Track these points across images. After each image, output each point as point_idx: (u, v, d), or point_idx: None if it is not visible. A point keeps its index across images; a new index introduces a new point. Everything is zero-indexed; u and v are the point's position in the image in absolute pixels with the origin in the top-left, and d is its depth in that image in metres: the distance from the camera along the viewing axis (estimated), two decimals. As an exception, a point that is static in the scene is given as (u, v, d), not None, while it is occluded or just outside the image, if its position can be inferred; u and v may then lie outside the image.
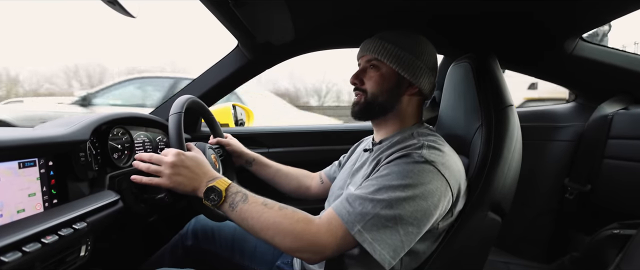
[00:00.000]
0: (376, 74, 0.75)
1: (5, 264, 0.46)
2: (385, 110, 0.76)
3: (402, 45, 0.73)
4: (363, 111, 0.77)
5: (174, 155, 0.69)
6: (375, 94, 0.75)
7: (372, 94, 0.75)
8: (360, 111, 0.78)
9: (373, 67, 0.76)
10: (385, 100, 0.75)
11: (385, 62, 0.74)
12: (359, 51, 0.80)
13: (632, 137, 1.04)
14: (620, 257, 0.73)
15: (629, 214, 1.00)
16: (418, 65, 0.74)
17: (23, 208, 0.57)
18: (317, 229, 0.61)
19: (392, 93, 0.75)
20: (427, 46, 0.76)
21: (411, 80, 0.74)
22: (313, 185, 1.07)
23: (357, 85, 0.78)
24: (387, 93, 0.75)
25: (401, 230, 0.59)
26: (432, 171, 0.61)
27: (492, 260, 1.23)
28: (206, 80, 1.24)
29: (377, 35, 0.77)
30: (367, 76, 0.77)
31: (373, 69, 0.76)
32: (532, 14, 0.87)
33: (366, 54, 0.76)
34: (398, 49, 0.73)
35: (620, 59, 1.08)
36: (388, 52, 0.73)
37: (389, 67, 0.74)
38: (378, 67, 0.75)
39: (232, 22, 0.92)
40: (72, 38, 13.34)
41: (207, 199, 0.66)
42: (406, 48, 0.73)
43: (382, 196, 0.60)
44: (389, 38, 0.75)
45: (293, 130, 1.50)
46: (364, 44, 0.78)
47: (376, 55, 0.74)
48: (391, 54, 0.73)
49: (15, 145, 0.56)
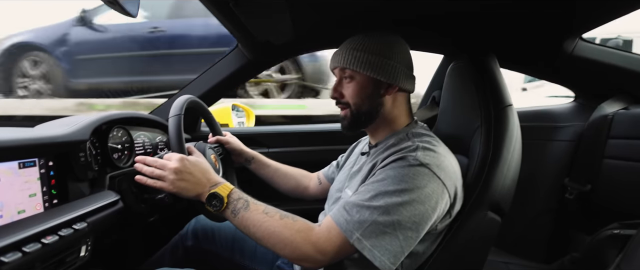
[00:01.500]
0: (352, 84, 0.74)
1: (5, 264, 0.46)
2: (372, 116, 0.76)
3: (371, 49, 0.72)
4: (352, 124, 0.77)
5: (177, 160, 0.69)
6: (357, 104, 0.75)
7: (354, 104, 0.75)
8: (350, 125, 0.77)
9: (348, 78, 0.75)
10: (370, 107, 0.75)
11: (357, 70, 0.72)
12: (330, 63, 0.79)
13: (632, 137, 1.04)
14: (620, 257, 0.73)
15: (629, 213, 1.00)
16: (391, 65, 0.72)
17: (23, 209, 0.57)
18: (317, 238, 0.62)
19: (373, 98, 0.74)
20: (397, 44, 0.75)
21: (388, 80, 0.73)
22: (311, 186, 1.08)
23: (337, 98, 0.78)
24: (369, 99, 0.74)
25: (400, 235, 0.59)
26: (428, 174, 0.61)
27: (492, 260, 1.23)
28: (206, 80, 1.24)
29: (344, 44, 0.76)
30: (345, 88, 0.76)
31: (348, 79, 0.75)
32: (532, 13, 0.86)
33: (337, 65, 0.76)
34: (367, 55, 0.71)
35: (620, 59, 1.08)
36: (358, 60, 0.72)
37: (362, 75, 0.73)
38: (352, 77, 0.74)
39: (232, 22, 0.92)
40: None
41: (209, 205, 0.66)
42: (375, 52, 0.72)
43: (378, 202, 0.60)
44: (354, 45, 0.73)
45: (293, 130, 1.50)
46: (334, 56, 0.77)
47: (347, 66, 0.73)
48: (361, 62, 0.72)
49: (15, 146, 0.56)
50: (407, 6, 0.86)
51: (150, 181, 0.69)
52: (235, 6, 0.73)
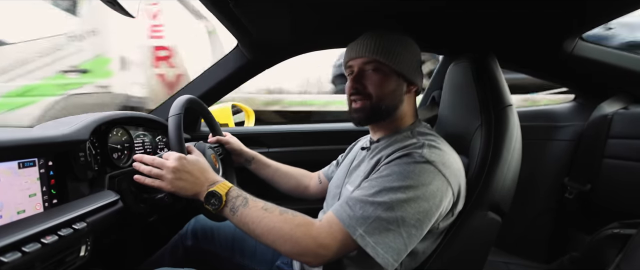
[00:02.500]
0: (378, 77, 0.72)
1: (5, 264, 0.46)
2: (389, 112, 0.74)
3: (396, 44, 0.72)
4: (369, 116, 0.74)
5: (175, 159, 0.68)
6: (380, 97, 0.72)
7: (377, 97, 0.72)
8: (367, 117, 0.75)
9: (373, 70, 0.73)
10: (391, 102, 0.73)
11: (386, 62, 0.71)
12: (351, 53, 0.76)
13: (632, 136, 1.04)
14: (620, 257, 0.73)
15: (629, 213, 1.00)
16: (413, 63, 0.73)
17: (23, 209, 0.57)
18: (318, 233, 0.61)
19: (395, 94, 0.73)
20: (413, 44, 0.76)
21: (411, 79, 0.74)
22: (311, 185, 1.07)
23: (359, 89, 0.74)
24: (391, 95, 0.73)
25: (404, 232, 0.59)
26: (433, 171, 0.61)
27: (492, 261, 1.23)
28: (206, 80, 1.24)
29: (368, 36, 0.73)
30: (369, 80, 0.73)
31: (374, 71, 0.73)
32: (532, 13, 0.86)
33: (363, 56, 0.73)
34: (400, 49, 0.72)
35: (620, 58, 1.08)
36: (387, 52, 0.71)
37: (390, 68, 0.72)
38: (378, 69, 0.72)
39: (232, 22, 0.92)
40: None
41: (208, 204, 0.66)
42: (400, 47, 0.72)
43: (382, 198, 0.60)
44: (383, 38, 0.72)
45: (293, 130, 1.50)
46: (358, 46, 0.74)
47: (376, 57, 0.71)
48: (391, 54, 0.71)
49: (14, 145, 0.56)
50: (408, 6, 0.86)
51: (149, 180, 0.69)
52: (235, 6, 0.73)
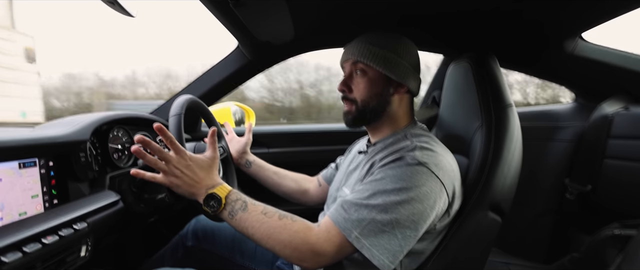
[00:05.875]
0: (364, 80, 0.74)
1: (5, 264, 0.46)
2: (377, 114, 0.75)
3: (385, 45, 0.72)
4: (356, 119, 0.76)
5: (180, 155, 0.67)
6: (365, 101, 0.74)
7: (362, 101, 0.74)
8: (353, 120, 0.77)
9: (360, 72, 0.74)
10: (377, 105, 0.74)
11: (371, 65, 0.72)
12: (343, 55, 0.78)
13: (633, 136, 1.04)
14: (621, 258, 0.73)
15: (630, 214, 1.00)
16: (403, 65, 0.73)
17: (25, 210, 0.57)
18: (316, 239, 0.61)
19: (382, 96, 0.74)
20: (408, 45, 0.75)
21: (399, 80, 0.73)
22: (311, 189, 1.07)
23: (345, 92, 0.77)
24: (377, 97, 0.74)
25: (399, 234, 0.59)
26: (426, 173, 0.61)
27: (492, 261, 1.23)
28: (206, 80, 1.24)
29: (359, 38, 0.76)
30: (355, 82, 0.75)
31: (360, 74, 0.74)
32: (532, 13, 0.86)
33: (350, 57, 0.75)
34: (382, 50, 0.72)
35: (620, 58, 1.08)
36: (373, 54, 0.72)
37: (375, 70, 0.73)
38: (365, 72, 0.74)
39: (232, 22, 0.92)
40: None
41: (206, 206, 0.65)
42: (389, 48, 0.72)
43: (376, 201, 0.60)
44: (371, 40, 0.73)
45: (293, 130, 1.50)
46: (347, 48, 0.77)
47: (361, 59, 0.73)
48: (376, 56, 0.72)
49: (15, 146, 0.56)
50: (408, 6, 0.86)
51: (148, 175, 0.66)
52: (235, 6, 0.73)
